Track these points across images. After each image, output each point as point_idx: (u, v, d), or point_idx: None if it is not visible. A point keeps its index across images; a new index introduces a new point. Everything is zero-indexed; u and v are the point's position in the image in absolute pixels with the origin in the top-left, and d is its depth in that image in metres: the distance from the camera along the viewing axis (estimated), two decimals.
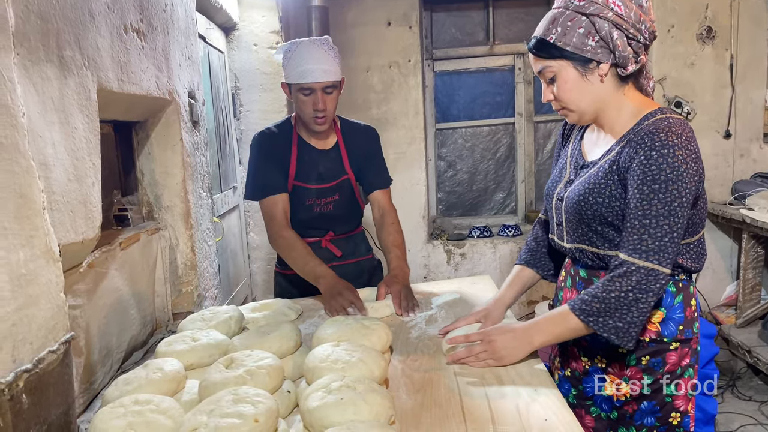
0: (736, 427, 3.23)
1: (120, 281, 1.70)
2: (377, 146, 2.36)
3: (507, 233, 4.27)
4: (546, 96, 1.51)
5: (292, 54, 2.08)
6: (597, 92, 1.44)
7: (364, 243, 2.44)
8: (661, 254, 1.34)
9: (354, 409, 1.14)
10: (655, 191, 1.34)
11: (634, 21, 1.38)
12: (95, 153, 1.43)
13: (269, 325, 1.58)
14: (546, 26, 1.43)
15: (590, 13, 1.37)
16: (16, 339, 0.97)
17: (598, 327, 1.38)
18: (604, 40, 1.38)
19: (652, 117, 1.42)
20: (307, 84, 2.05)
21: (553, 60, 1.43)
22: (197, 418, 1.09)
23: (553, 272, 1.79)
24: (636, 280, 1.34)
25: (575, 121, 1.53)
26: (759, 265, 3.75)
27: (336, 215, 2.28)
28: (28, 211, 1.02)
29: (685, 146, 1.34)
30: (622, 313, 1.36)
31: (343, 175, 2.25)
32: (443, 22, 4.39)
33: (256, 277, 3.67)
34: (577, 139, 1.64)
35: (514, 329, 1.53)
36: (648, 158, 1.34)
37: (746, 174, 4.10)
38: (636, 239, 1.36)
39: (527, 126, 4.44)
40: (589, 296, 1.40)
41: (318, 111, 2.09)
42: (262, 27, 3.43)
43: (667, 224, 1.34)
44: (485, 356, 1.49)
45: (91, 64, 1.41)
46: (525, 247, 1.84)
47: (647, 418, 1.50)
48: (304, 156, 2.22)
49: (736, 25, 3.96)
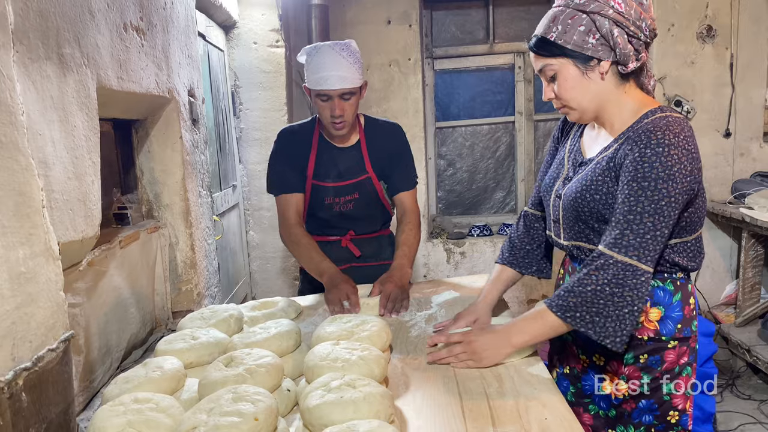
0: (735, 425, 3.24)
1: (120, 280, 1.70)
2: (402, 145, 2.32)
3: (507, 232, 4.27)
4: (547, 94, 1.50)
5: (311, 59, 2.08)
6: (598, 90, 1.44)
7: (390, 246, 2.36)
8: (641, 251, 1.33)
9: (354, 407, 1.14)
10: (644, 188, 1.33)
11: (635, 18, 1.37)
12: (95, 151, 1.43)
13: (269, 324, 1.58)
14: (546, 24, 1.43)
15: (591, 11, 1.37)
16: (16, 337, 0.97)
17: (576, 323, 1.37)
18: (605, 37, 1.38)
19: (652, 115, 1.42)
20: (323, 90, 2.05)
21: (553, 58, 1.43)
22: (197, 417, 1.09)
23: (536, 268, 1.79)
24: (612, 274, 1.34)
25: (576, 119, 1.53)
26: (759, 264, 3.75)
27: (356, 215, 2.26)
28: (28, 209, 1.02)
29: (682, 146, 1.34)
30: (599, 308, 1.35)
31: (363, 174, 2.23)
32: (443, 20, 4.39)
33: (255, 275, 3.67)
34: (576, 136, 1.64)
35: (494, 330, 1.53)
36: (642, 155, 1.34)
37: (746, 173, 4.10)
38: (618, 233, 1.35)
39: (527, 125, 4.43)
40: (565, 291, 1.39)
41: (335, 117, 2.09)
42: (262, 25, 3.42)
43: (652, 222, 1.33)
44: (465, 357, 1.50)
45: (90, 62, 1.41)
46: (507, 244, 1.83)
47: (645, 416, 1.50)
48: (323, 155, 2.22)
49: (736, 23, 3.96)
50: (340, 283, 1.94)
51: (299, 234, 2.17)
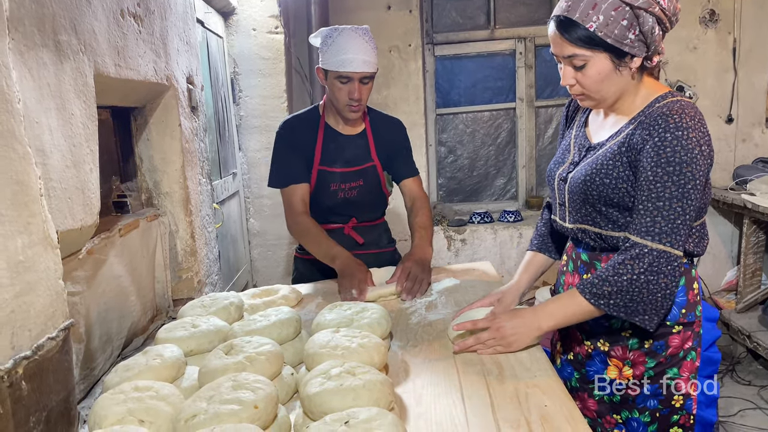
0: (735, 411, 3.25)
1: (119, 268, 1.70)
2: (405, 139, 2.38)
3: (508, 219, 4.26)
4: (567, 80, 1.44)
5: (333, 40, 2.07)
6: (623, 83, 1.42)
7: (386, 234, 2.44)
8: (674, 236, 1.34)
9: (354, 395, 1.14)
10: (669, 173, 1.33)
11: (672, 13, 1.36)
12: (93, 139, 1.42)
13: (269, 312, 1.58)
14: (584, 10, 1.33)
15: (638, 6, 1.31)
16: (15, 326, 0.97)
17: (609, 309, 1.38)
18: (644, 34, 1.34)
19: (663, 99, 1.41)
20: (346, 72, 2.05)
21: (588, 50, 1.36)
22: (197, 405, 1.09)
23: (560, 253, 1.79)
24: (648, 263, 1.34)
25: (591, 106, 1.52)
26: (760, 250, 3.75)
27: (360, 201, 2.28)
28: (26, 197, 1.02)
29: (698, 128, 1.34)
30: (633, 294, 1.36)
31: (369, 162, 2.26)
32: (444, 5, 4.35)
33: (256, 263, 3.68)
34: (581, 121, 1.63)
35: (522, 314, 1.52)
36: (662, 140, 1.33)
37: (748, 159, 4.08)
38: (649, 221, 1.35)
39: (528, 111, 4.41)
40: (599, 279, 1.39)
41: (353, 100, 2.09)
42: (261, 11, 3.40)
43: (680, 206, 1.33)
44: (494, 342, 1.48)
45: (87, 49, 1.40)
46: (535, 233, 1.84)
47: (650, 401, 1.51)
48: (330, 143, 2.23)
49: (739, 8, 3.93)
50: (355, 271, 1.96)
51: (307, 222, 2.18)
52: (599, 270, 1.42)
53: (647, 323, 1.38)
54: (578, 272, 1.60)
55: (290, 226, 2.24)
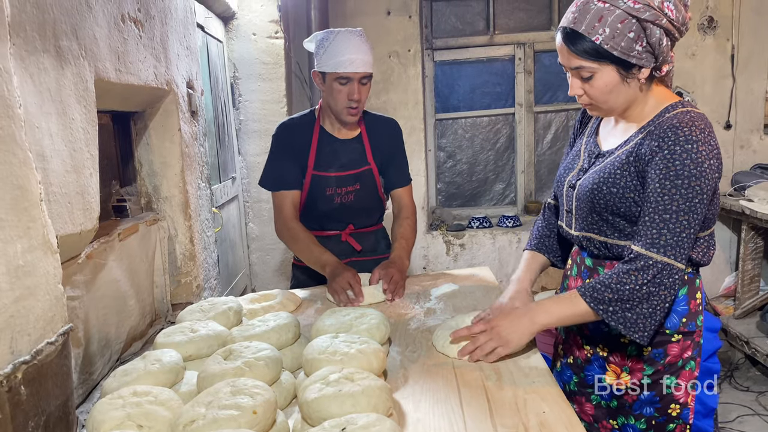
0: (733, 417, 3.25)
1: (119, 272, 1.70)
2: (400, 142, 2.35)
3: (506, 224, 4.27)
4: (575, 91, 1.44)
5: (329, 43, 2.07)
6: (631, 93, 1.42)
7: (384, 240, 2.42)
8: (678, 249, 1.34)
9: (352, 401, 1.14)
10: (677, 186, 1.33)
11: (680, 23, 1.35)
12: (93, 144, 1.43)
13: (268, 317, 1.58)
14: (590, 23, 1.33)
15: (645, 19, 1.31)
16: (14, 330, 0.97)
17: (607, 316, 1.38)
18: (652, 46, 1.34)
19: (673, 110, 1.41)
20: (345, 73, 2.05)
21: (595, 62, 1.36)
22: (195, 410, 1.09)
23: (561, 258, 1.78)
24: (652, 275, 1.34)
25: (600, 115, 1.52)
26: (758, 256, 3.75)
27: (357, 207, 2.26)
28: (26, 202, 1.02)
29: (708, 141, 1.33)
30: (633, 304, 1.36)
31: (365, 165, 2.24)
32: (443, 11, 4.36)
33: (255, 267, 3.67)
34: (593, 128, 1.63)
35: (516, 311, 1.51)
36: (672, 153, 1.33)
37: (746, 165, 4.09)
38: (655, 233, 1.35)
39: (527, 116, 4.42)
40: (602, 285, 1.39)
41: (352, 101, 2.09)
42: (261, 16, 3.41)
43: (686, 220, 1.33)
44: (492, 344, 1.47)
45: (88, 54, 1.40)
46: (535, 232, 1.83)
47: (646, 408, 1.51)
48: (325, 147, 2.22)
49: (737, 15, 3.94)
50: (343, 272, 1.96)
51: (297, 229, 2.18)
52: (602, 275, 1.42)
53: (645, 339, 1.38)
54: (581, 276, 1.60)
55: (279, 231, 2.23)
